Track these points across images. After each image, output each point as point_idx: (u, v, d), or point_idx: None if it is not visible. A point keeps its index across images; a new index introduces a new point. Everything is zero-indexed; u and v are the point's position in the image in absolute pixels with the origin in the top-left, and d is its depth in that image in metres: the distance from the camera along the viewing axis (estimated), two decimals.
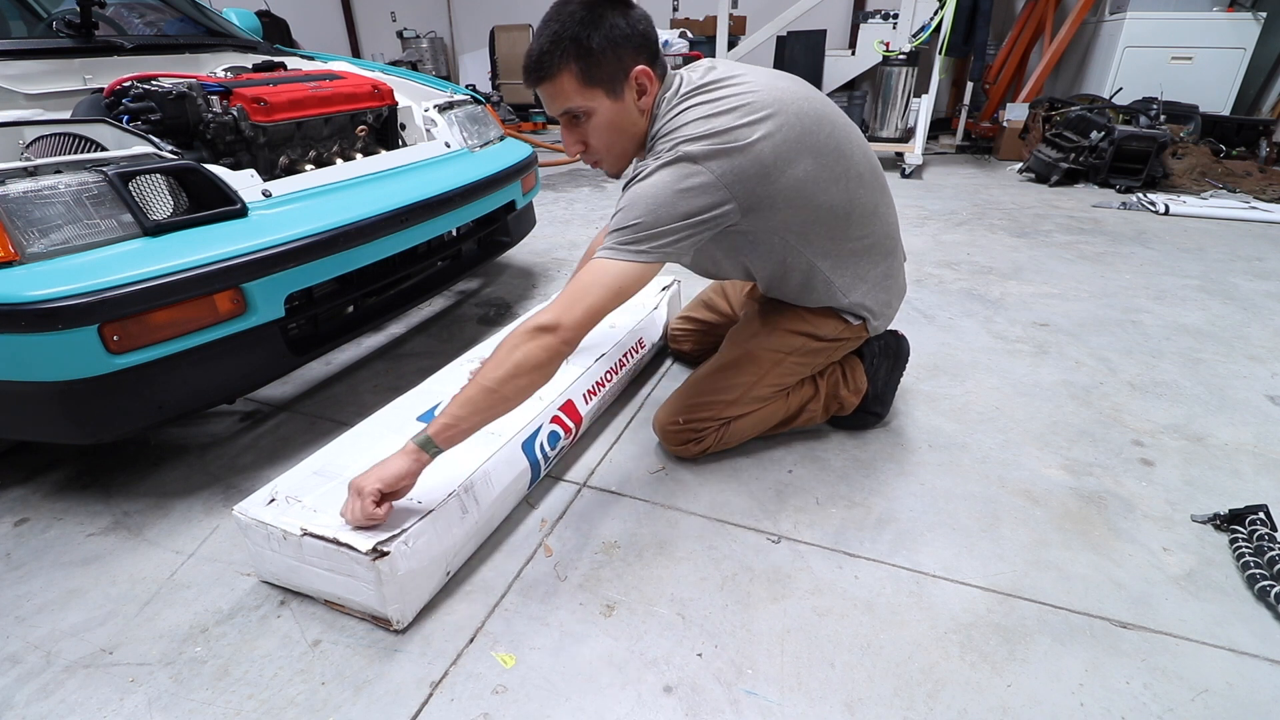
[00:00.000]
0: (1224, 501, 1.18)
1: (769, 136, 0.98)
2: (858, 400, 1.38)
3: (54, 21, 1.76)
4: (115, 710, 0.85)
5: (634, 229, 0.96)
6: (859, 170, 1.10)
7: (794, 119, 1.00)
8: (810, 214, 1.07)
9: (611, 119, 1.02)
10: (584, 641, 0.94)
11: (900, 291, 1.30)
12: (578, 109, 1.00)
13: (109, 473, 1.34)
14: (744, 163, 0.97)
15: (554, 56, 0.95)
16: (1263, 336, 1.87)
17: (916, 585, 1.03)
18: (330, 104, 1.60)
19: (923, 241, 2.83)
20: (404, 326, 2.02)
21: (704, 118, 0.97)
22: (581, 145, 1.06)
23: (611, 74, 0.98)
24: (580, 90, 0.98)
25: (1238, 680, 0.87)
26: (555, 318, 0.94)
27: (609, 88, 0.99)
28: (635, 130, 1.05)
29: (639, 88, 1.01)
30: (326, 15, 8.06)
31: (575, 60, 0.95)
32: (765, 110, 0.98)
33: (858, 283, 1.20)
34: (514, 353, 0.93)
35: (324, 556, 0.93)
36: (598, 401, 1.42)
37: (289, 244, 1.20)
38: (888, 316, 1.29)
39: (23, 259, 0.97)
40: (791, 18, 4.23)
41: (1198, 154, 3.71)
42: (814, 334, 1.25)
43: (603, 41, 0.95)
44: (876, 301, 1.24)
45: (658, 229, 0.96)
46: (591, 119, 1.01)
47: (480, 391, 0.93)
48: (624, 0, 0.98)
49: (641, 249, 0.96)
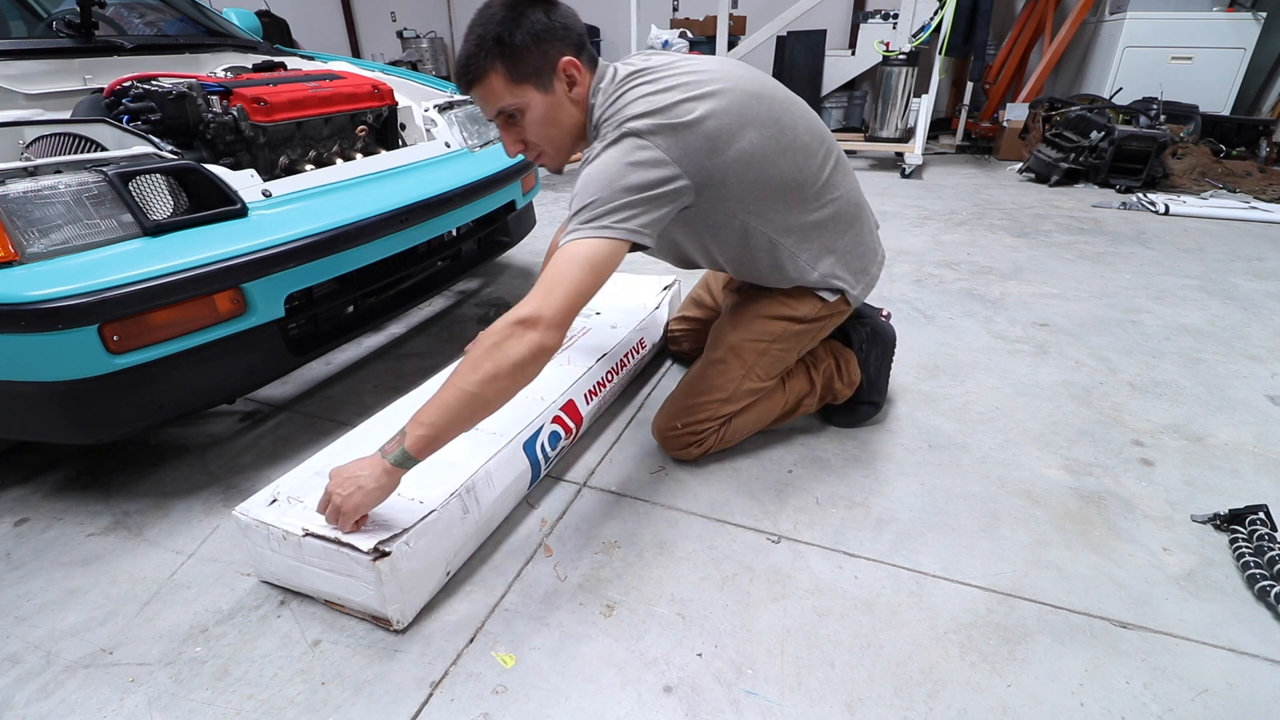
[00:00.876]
0: (1224, 501, 1.18)
1: (712, 113, 0.99)
2: (850, 392, 1.40)
3: (54, 21, 1.76)
4: (115, 710, 0.85)
5: (593, 206, 0.95)
6: (803, 141, 1.10)
7: (733, 95, 1.02)
8: (762, 189, 1.07)
9: (545, 113, 1.03)
10: (584, 641, 0.94)
11: (875, 257, 1.29)
12: (510, 107, 1.01)
13: (109, 473, 1.34)
14: (690, 138, 0.98)
15: (479, 59, 0.97)
16: (1263, 336, 1.87)
17: (916, 585, 1.03)
18: (330, 104, 1.60)
19: (923, 241, 2.83)
20: (404, 326, 2.02)
21: (645, 96, 0.99)
22: (520, 144, 1.06)
23: (538, 68, 0.99)
24: (509, 88, 0.99)
25: (1238, 680, 0.87)
26: (535, 309, 0.89)
27: (537, 82, 1.00)
28: (571, 122, 1.06)
29: (568, 79, 1.02)
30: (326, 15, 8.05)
31: (500, 59, 0.96)
32: (705, 88, 1.00)
33: (825, 254, 1.19)
34: (494, 352, 0.87)
35: (324, 557, 0.93)
36: (599, 401, 1.42)
37: (289, 244, 1.20)
38: (867, 284, 1.27)
39: (23, 259, 0.97)
40: (791, 18, 4.23)
41: (1198, 154, 3.71)
42: (793, 316, 1.24)
43: (525, 37, 0.96)
44: (850, 270, 1.23)
45: (615, 203, 0.95)
46: (526, 115, 1.02)
47: (460, 397, 0.87)
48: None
49: (604, 224, 0.95)
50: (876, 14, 5.25)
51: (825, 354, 1.40)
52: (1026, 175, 4.11)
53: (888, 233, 2.96)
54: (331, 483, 0.91)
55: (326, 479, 1.04)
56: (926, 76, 4.27)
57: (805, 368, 1.38)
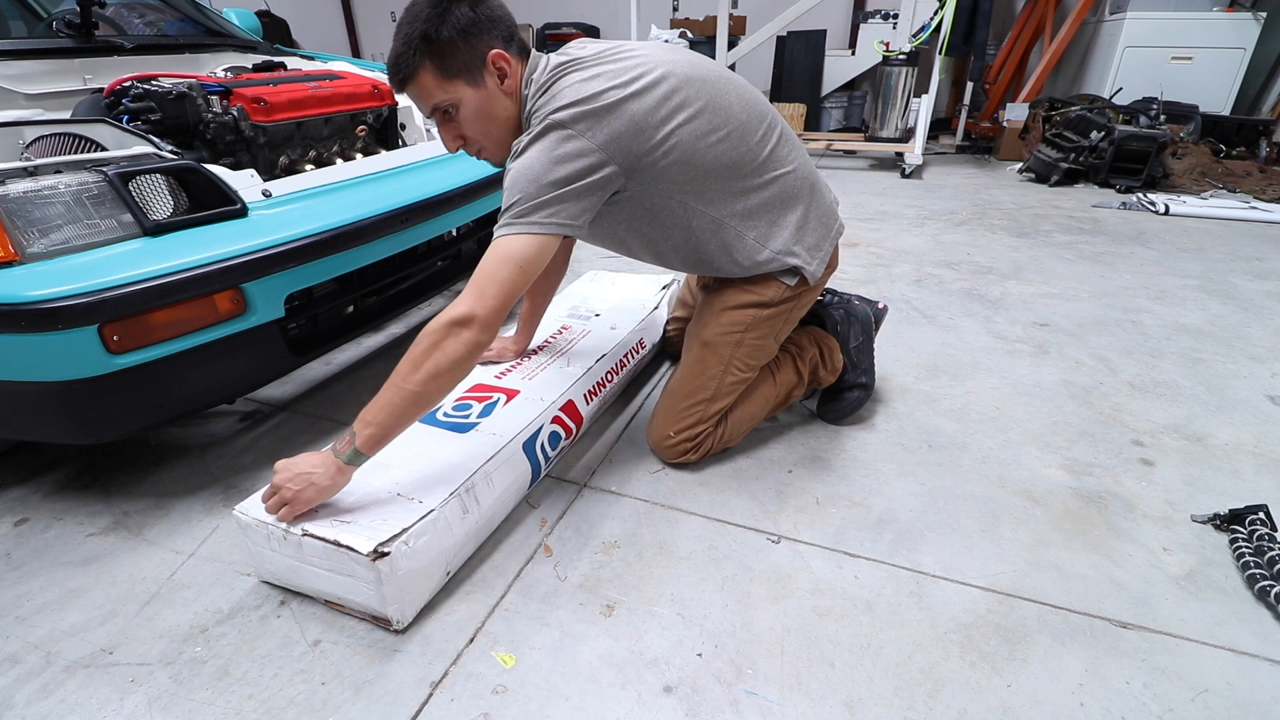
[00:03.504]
0: (1224, 501, 1.18)
1: (638, 95, 0.99)
2: (834, 379, 1.43)
3: (54, 21, 1.76)
4: (115, 710, 0.85)
5: (520, 203, 0.96)
6: (739, 120, 1.09)
7: (664, 77, 1.02)
8: (697, 169, 1.07)
9: (479, 107, 1.02)
10: (584, 641, 0.94)
11: (829, 232, 1.25)
12: (443, 103, 1.01)
13: (109, 473, 1.34)
14: (616, 123, 0.98)
15: (409, 57, 0.96)
16: (1263, 336, 1.87)
17: (916, 585, 1.03)
18: (330, 104, 1.60)
19: (923, 241, 2.83)
20: (404, 326, 2.02)
21: (572, 85, 0.99)
22: (459, 139, 1.07)
23: (467, 62, 0.98)
24: (440, 85, 0.99)
25: (1238, 680, 0.87)
26: (469, 309, 0.93)
27: (468, 77, 0.99)
28: (506, 114, 1.06)
29: (499, 72, 1.01)
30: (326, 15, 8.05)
31: (428, 56, 0.96)
32: (634, 72, 1.00)
33: (774, 231, 1.17)
34: (433, 352, 0.92)
35: (324, 557, 0.93)
36: (598, 402, 1.42)
37: (289, 244, 1.20)
38: (821, 260, 1.24)
39: (23, 259, 0.97)
40: (791, 18, 4.23)
41: (1198, 154, 3.71)
42: (759, 302, 1.23)
43: (451, 32, 0.95)
44: (804, 246, 1.20)
45: (541, 199, 0.96)
46: (460, 111, 1.02)
47: (403, 396, 0.93)
48: None
49: (532, 220, 0.96)
50: (876, 14, 5.26)
51: (809, 343, 1.41)
52: (1026, 175, 4.11)
53: (888, 232, 2.96)
54: (280, 476, 0.95)
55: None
56: (926, 76, 4.27)
57: (791, 359, 1.38)
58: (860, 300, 1.49)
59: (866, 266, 2.46)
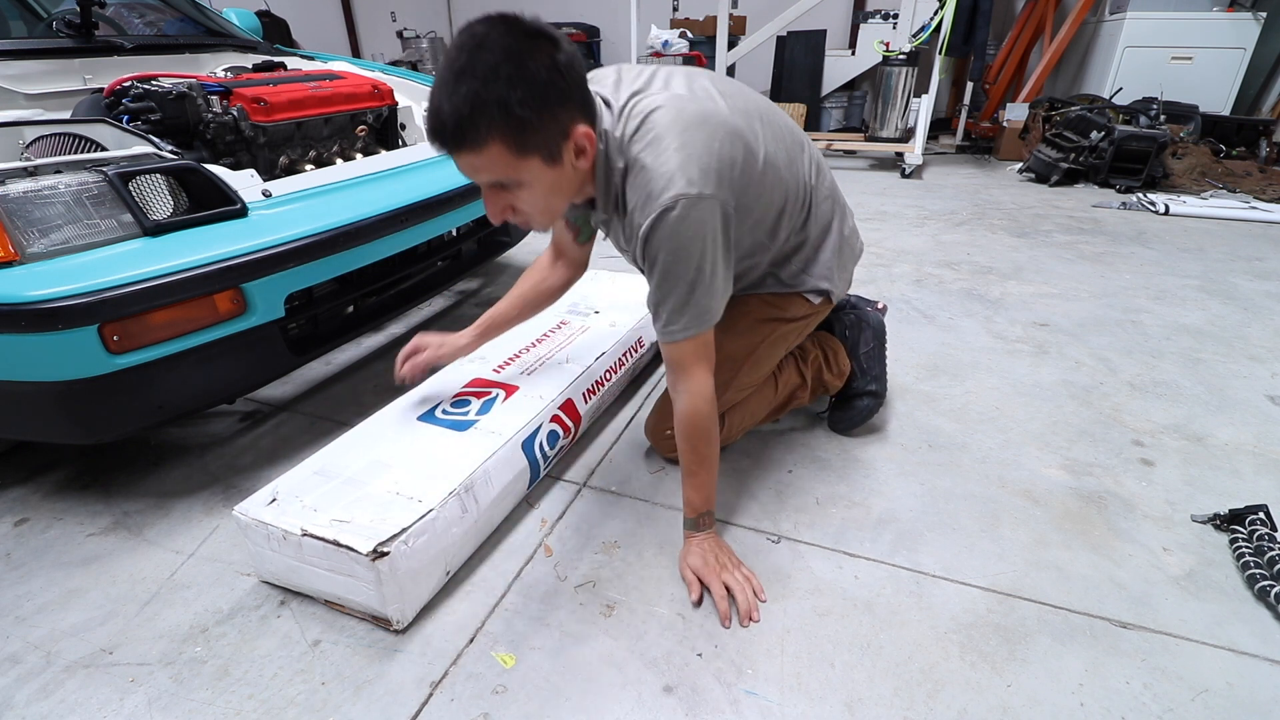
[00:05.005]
0: (1224, 501, 1.18)
1: (734, 143, 0.93)
2: (841, 382, 1.40)
3: (54, 21, 1.76)
4: (115, 710, 0.85)
5: (688, 307, 0.93)
6: (792, 151, 1.06)
7: (735, 118, 0.95)
8: (770, 204, 1.04)
9: (550, 185, 0.87)
10: (584, 641, 0.94)
11: (854, 253, 1.26)
12: (508, 181, 0.84)
13: (109, 473, 1.34)
14: (728, 173, 0.91)
15: (476, 125, 0.76)
16: (1263, 336, 1.87)
17: (916, 585, 1.03)
18: (330, 104, 1.60)
19: (923, 241, 2.83)
20: (404, 326, 2.02)
21: (671, 151, 0.87)
22: (508, 210, 0.89)
23: (548, 138, 0.81)
24: (512, 163, 0.81)
25: (1238, 680, 0.87)
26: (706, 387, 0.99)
27: (546, 153, 0.82)
28: (572, 189, 0.92)
29: (578, 149, 0.85)
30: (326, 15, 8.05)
31: (504, 131, 0.77)
32: (716, 119, 0.93)
33: (815, 258, 1.17)
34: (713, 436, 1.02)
35: (324, 556, 0.93)
36: (597, 400, 1.42)
37: (289, 244, 1.20)
38: (847, 281, 1.26)
39: (23, 259, 0.97)
40: (791, 18, 4.23)
41: (1198, 154, 3.71)
42: (782, 317, 1.22)
43: (536, 103, 0.77)
44: (836, 269, 1.20)
45: (705, 287, 0.92)
46: (523, 187, 0.85)
47: (712, 468, 1.04)
48: (548, 35, 0.79)
49: (713, 312, 0.96)
50: (876, 14, 5.26)
51: (812, 346, 1.40)
52: (1026, 175, 4.11)
53: (888, 232, 2.96)
54: (712, 583, 1.01)
55: (326, 478, 1.04)
56: (926, 76, 4.27)
57: (794, 361, 1.37)
58: (858, 299, 1.49)
59: (866, 266, 2.46)
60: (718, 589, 0.99)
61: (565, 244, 1.26)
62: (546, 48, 0.78)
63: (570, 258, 1.28)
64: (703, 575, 1.01)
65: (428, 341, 1.26)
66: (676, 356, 0.98)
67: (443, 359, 1.29)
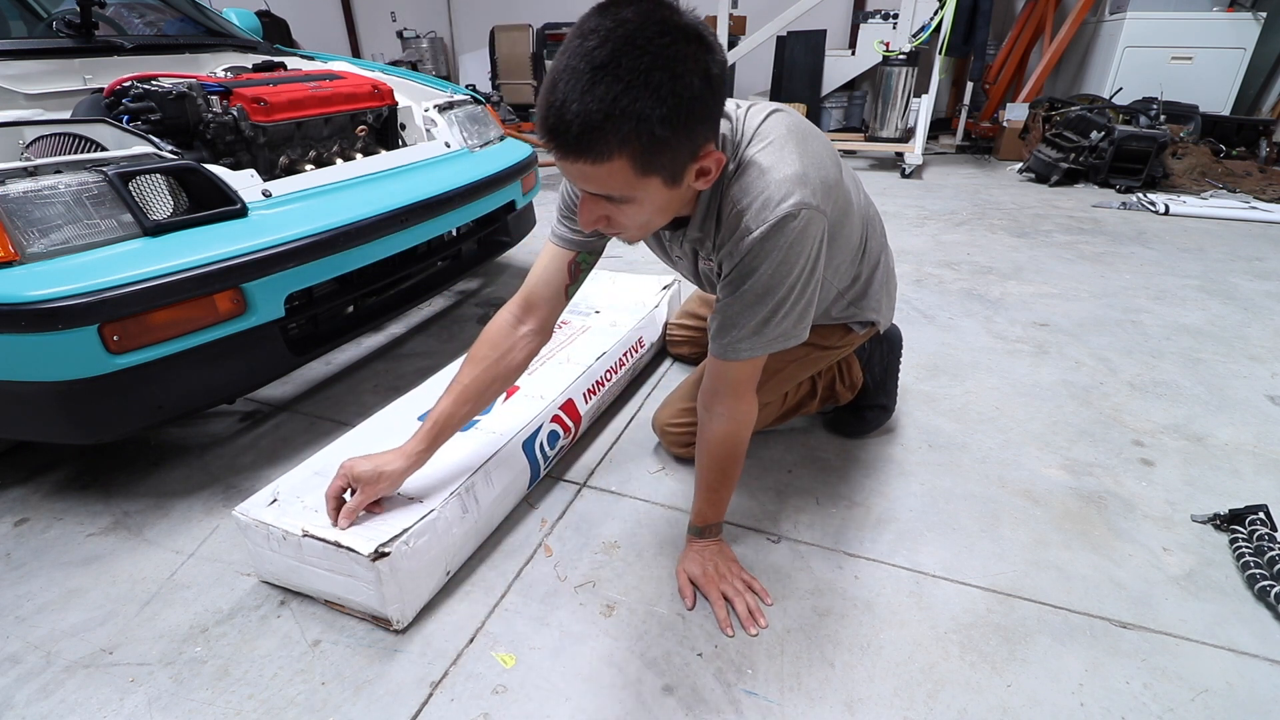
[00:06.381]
0: (1224, 501, 1.18)
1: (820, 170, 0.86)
2: (852, 395, 1.38)
3: (54, 21, 1.76)
4: (115, 710, 0.85)
5: (774, 319, 0.87)
6: (851, 182, 1.04)
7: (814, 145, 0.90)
8: (848, 238, 1.00)
9: (661, 205, 0.77)
10: (584, 641, 0.94)
11: (895, 279, 1.27)
12: (620, 196, 0.74)
13: (109, 473, 1.34)
14: (830, 191, 0.87)
15: (606, 137, 0.65)
16: (1263, 336, 1.87)
17: (916, 585, 1.03)
18: (330, 104, 1.60)
19: (923, 241, 2.83)
20: (404, 326, 2.02)
21: (783, 162, 0.82)
22: (604, 220, 0.78)
23: (675, 158, 0.71)
24: (631, 181, 0.70)
25: (1238, 680, 0.87)
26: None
27: (669, 175, 0.72)
28: (681, 208, 0.84)
29: (701, 171, 0.75)
30: (326, 15, 8.05)
31: (635, 149, 0.66)
32: (825, 138, 0.92)
33: (868, 291, 1.16)
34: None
35: (324, 557, 0.93)
36: (597, 400, 1.42)
37: (289, 244, 1.20)
38: (891, 310, 1.26)
39: (23, 259, 0.97)
40: (791, 18, 4.23)
41: (1198, 154, 3.71)
42: (820, 344, 1.21)
43: (677, 121, 0.66)
44: (889, 298, 1.22)
45: (806, 294, 0.87)
46: (631, 204, 0.75)
47: (732, 483, 1.03)
48: (703, 37, 0.67)
49: (803, 325, 0.91)
50: (876, 14, 5.25)
51: None
52: (1026, 175, 4.11)
53: (888, 232, 2.95)
54: (710, 593, 1.00)
55: (326, 479, 1.04)
56: (926, 76, 4.27)
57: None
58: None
59: None
60: (716, 599, 0.99)
61: (547, 295, 1.03)
62: (701, 54, 0.66)
63: (542, 316, 1.04)
64: (700, 584, 1.01)
65: (357, 474, 0.94)
66: (733, 376, 0.92)
67: (381, 493, 0.97)
